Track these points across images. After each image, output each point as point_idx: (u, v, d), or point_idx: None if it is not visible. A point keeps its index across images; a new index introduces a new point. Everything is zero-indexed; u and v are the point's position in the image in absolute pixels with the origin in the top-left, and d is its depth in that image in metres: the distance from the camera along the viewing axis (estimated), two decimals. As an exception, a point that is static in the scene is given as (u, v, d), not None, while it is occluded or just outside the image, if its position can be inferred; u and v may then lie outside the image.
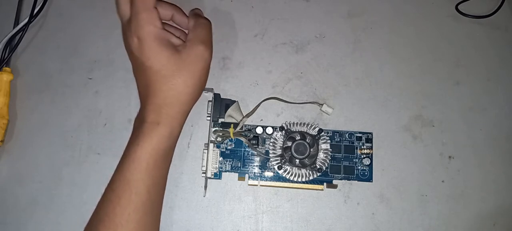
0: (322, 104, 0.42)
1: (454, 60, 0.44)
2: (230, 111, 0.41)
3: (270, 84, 0.43)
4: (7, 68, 0.43)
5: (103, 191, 0.36)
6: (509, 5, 0.46)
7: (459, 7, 0.46)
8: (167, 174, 0.37)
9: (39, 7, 0.44)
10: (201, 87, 0.37)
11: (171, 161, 0.37)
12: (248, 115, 0.41)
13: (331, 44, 0.45)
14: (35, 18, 0.44)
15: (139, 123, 0.35)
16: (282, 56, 0.44)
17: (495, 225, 0.40)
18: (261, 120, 0.43)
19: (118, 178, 0.34)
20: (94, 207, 0.36)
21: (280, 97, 0.43)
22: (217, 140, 0.40)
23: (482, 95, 0.43)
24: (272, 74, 0.44)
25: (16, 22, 0.44)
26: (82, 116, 0.42)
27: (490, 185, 0.41)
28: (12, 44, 0.43)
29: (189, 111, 0.37)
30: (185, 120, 0.37)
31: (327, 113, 0.42)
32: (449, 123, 0.43)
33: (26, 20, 0.43)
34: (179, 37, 0.37)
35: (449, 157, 0.42)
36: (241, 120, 0.41)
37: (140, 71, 0.36)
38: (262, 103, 0.42)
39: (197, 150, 0.42)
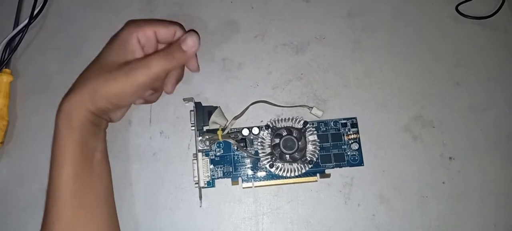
0: (311, 108, 0.42)
1: (454, 60, 0.44)
2: (213, 117, 0.40)
3: (270, 85, 0.43)
4: (7, 70, 0.43)
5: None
6: (509, 6, 0.46)
7: (459, 8, 0.46)
8: (96, 166, 0.36)
9: (39, 8, 0.44)
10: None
11: (98, 154, 0.36)
12: (236, 117, 0.41)
13: (331, 45, 0.45)
14: (35, 19, 0.44)
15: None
16: (282, 57, 0.44)
17: (495, 226, 0.40)
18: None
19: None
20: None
21: (269, 101, 0.42)
22: (206, 144, 0.40)
23: (482, 95, 0.43)
24: (273, 75, 0.44)
25: (16, 23, 0.44)
26: (82, 117, 0.42)
27: (491, 185, 0.41)
28: (12, 46, 0.43)
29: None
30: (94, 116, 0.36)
31: (317, 116, 0.42)
32: (449, 124, 0.43)
33: (26, 21, 0.43)
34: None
35: (450, 157, 0.42)
36: (229, 122, 0.41)
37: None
38: (251, 106, 0.42)
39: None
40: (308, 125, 0.40)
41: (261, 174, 0.40)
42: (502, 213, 0.40)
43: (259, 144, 0.40)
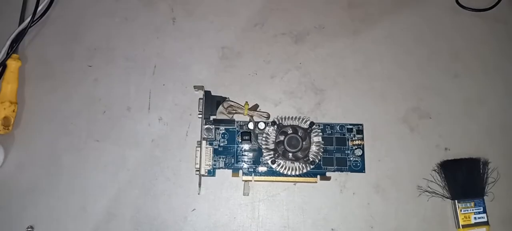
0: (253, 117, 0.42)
1: (453, 52, 0.44)
2: (221, 108, 0.41)
3: (268, 75, 0.44)
4: (15, 55, 0.43)
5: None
6: (509, -2, 0.46)
7: (459, 0, 0.45)
8: None
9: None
10: None
11: None
12: (254, 108, 0.42)
13: (330, 35, 0.45)
14: (44, 14, 0.45)
15: None
16: (281, 46, 0.45)
17: (489, 217, 0.40)
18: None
19: None
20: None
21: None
22: (228, 114, 0.40)
23: (479, 88, 0.44)
24: (271, 64, 0.44)
25: (24, 13, 0.45)
26: (81, 103, 0.43)
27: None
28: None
29: None
30: None
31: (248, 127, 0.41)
32: (446, 115, 0.43)
33: (32, 14, 0.44)
34: None
35: (445, 148, 0.42)
36: (255, 106, 0.41)
37: None
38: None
39: (195, 138, 0.42)
40: (314, 126, 0.40)
41: (262, 168, 0.41)
42: (497, 204, 0.41)
43: (263, 139, 0.40)
